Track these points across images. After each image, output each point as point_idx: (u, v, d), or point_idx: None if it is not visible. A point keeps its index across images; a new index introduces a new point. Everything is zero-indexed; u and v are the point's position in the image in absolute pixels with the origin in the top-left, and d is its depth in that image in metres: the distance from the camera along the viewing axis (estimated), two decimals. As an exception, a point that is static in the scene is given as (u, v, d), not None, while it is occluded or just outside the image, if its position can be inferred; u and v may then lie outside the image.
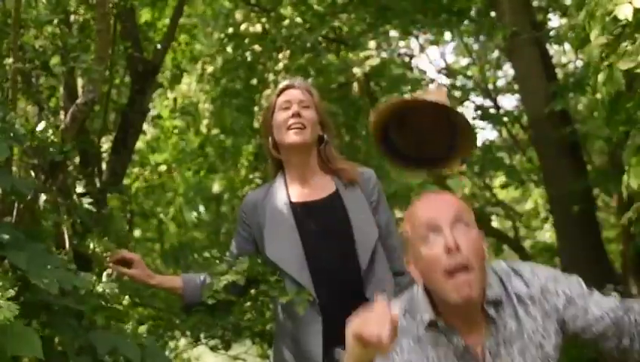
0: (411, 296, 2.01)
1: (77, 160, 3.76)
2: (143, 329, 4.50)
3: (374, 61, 6.23)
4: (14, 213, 2.44)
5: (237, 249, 2.83)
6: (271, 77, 6.46)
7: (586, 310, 1.94)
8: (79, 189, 2.71)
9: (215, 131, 7.75)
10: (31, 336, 1.99)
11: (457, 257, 1.84)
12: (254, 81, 6.87)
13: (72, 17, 3.88)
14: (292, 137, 2.72)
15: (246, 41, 6.66)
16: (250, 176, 7.53)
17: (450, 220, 1.88)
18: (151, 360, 2.31)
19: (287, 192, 2.77)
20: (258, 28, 6.53)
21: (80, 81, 4.18)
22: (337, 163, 2.80)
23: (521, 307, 1.94)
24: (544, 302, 1.95)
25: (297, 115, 2.72)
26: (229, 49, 6.93)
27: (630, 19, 3.11)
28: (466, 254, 1.84)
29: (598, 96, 3.21)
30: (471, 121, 7.63)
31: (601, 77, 3.25)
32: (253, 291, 2.99)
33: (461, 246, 1.84)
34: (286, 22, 6.17)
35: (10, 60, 2.59)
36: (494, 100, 8.60)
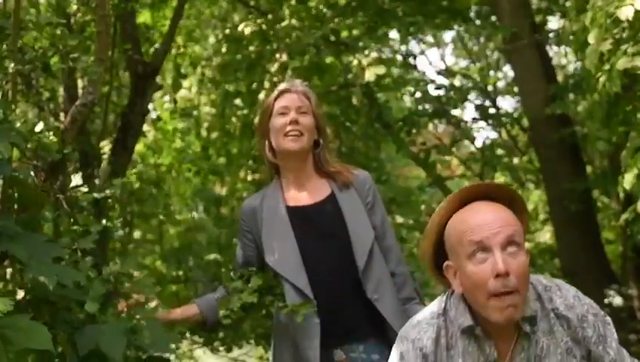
0: (445, 300, 1.98)
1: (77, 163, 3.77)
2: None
3: (380, 70, 6.25)
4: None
5: (243, 257, 2.83)
6: (269, 78, 6.46)
7: (609, 355, 1.94)
8: (76, 181, 2.70)
9: (216, 134, 7.74)
10: (39, 330, 1.99)
11: (505, 282, 1.80)
12: (254, 85, 6.87)
13: (72, 19, 3.88)
14: (289, 144, 2.72)
15: (244, 42, 6.66)
16: (249, 178, 7.54)
17: (502, 243, 1.82)
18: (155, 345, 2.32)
19: (283, 197, 2.78)
20: (254, 28, 6.52)
21: (80, 83, 4.19)
22: (332, 166, 2.81)
23: (557, 325, 1.92)
24: (579, 329, 1.93)
25: (295, 122, 2.72)
26: (224, 49, 6.92)
27: (631, 19, 3.12)
28: (515, 280, 1.80)
29: (596, 97, 3.23)
30: (471, 122, 7.61)
31: (602, 79, 3.26)
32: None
33: (510, 272, 1.80)
34: (284, 23, 6.17)
35: (11, 64, 2.60)
36: (494, 101, 8.62)
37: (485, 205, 1.89)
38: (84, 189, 2.69)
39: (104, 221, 2.75)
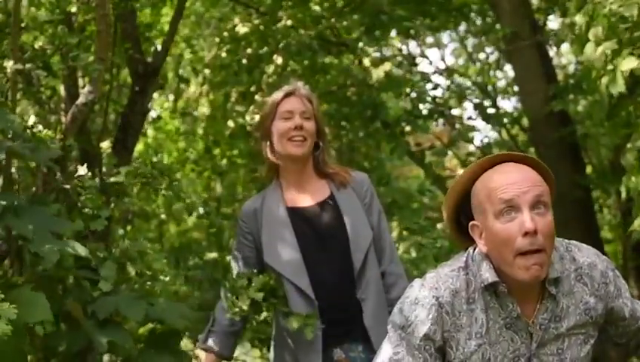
0: (466, 256, 1.98)
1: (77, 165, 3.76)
2: (143, 330, 4.51)
3: (385, 67, 6.26)
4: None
5: (241, 259, 2.83)
6: (265, 79, 6.46)
7: (627, 306, 2.01)
8: (81, 171, 2.71)
9: (214, 135, 7.72)
10: (38, 302, 2.04)
11: (533, 240, 1.82)
12: (252, 87, 6.86)
13: (73, 18, 3.88)
14: (294, 149, 2.74)
15: (242, 43, 6.65)
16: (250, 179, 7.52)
17: (531, 202, 1.84)
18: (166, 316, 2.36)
19: (283, 198, 2.79)
20: (251, 26, 6.51)
21: (81, 82, 4.19)
22: (331, 167, 2.83)
23: (578, 285, 1.95)
24: (602, 286, 1.97)
25: (300, 127, 2.74)
26: (224, 54, 6.91)
27: (635, 18, 3.12)
28: (542, 238, 1.83)
29: (597, 97, 3.21)
30: (471, 122, 7.58)
31: (604, 80, 3.25)
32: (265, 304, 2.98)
33: (538, 231, 1.82)
34: (281, 23, 6.17)
35: (10, 62, 2.60)
36: (494, 101, 8.60)
37: (514, 165, 1.92)
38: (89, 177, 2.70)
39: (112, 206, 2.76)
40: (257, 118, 2.98)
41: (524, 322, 1.91)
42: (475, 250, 1.97)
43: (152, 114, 7.48)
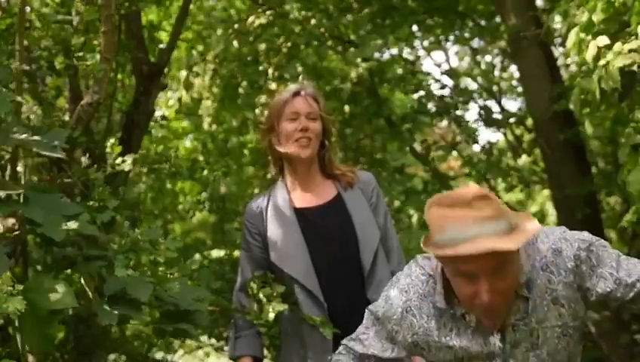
0: (436, 266, 1.94)
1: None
2: (148, 329, 4.51)
3: (371, 64, 6.27)
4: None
5: (254, 261, 2.81)
6: (273, 72, 6.48)
7: (605, 280, 1.89)
8: (84, 162, 2.72)
9: (216, 129, 7.72)
10: (61, 289, 2.05)
11: (490, 305, 1.78)
12: (262, 81, 6.87)
13: (77, 17, 3.88)
14: (298, 151, 2.75)
15: (251, 38, 6.67)
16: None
17: (489, 271, 1.75)
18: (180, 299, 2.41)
19: (289, 198, 2.78)
20: (262, 21, 6.53)
21: (84, 82, 4.20)
22: (337, 168, 2.83)
23: (543, 275, 1.89)
24: (570, 271, 1.88)
25: (305, 129, 2.74)
26: (235, 43, 6.91)
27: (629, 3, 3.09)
28: (500, 299, 1.79)
29: (595, 90, 3.18)
30: (475, 125, 7.59)
31: (596, 74, 3.23)
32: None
33: (497, 295, 1.77)
34: (290, 16, 6.19)
35: (16, 63, 2.60)
36: (499, 102, 8.60)
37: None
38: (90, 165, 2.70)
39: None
40: (264, 115, 2.96)
41: (487, 326, 1.88)
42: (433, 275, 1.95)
43: (158, 113, 7.48)
